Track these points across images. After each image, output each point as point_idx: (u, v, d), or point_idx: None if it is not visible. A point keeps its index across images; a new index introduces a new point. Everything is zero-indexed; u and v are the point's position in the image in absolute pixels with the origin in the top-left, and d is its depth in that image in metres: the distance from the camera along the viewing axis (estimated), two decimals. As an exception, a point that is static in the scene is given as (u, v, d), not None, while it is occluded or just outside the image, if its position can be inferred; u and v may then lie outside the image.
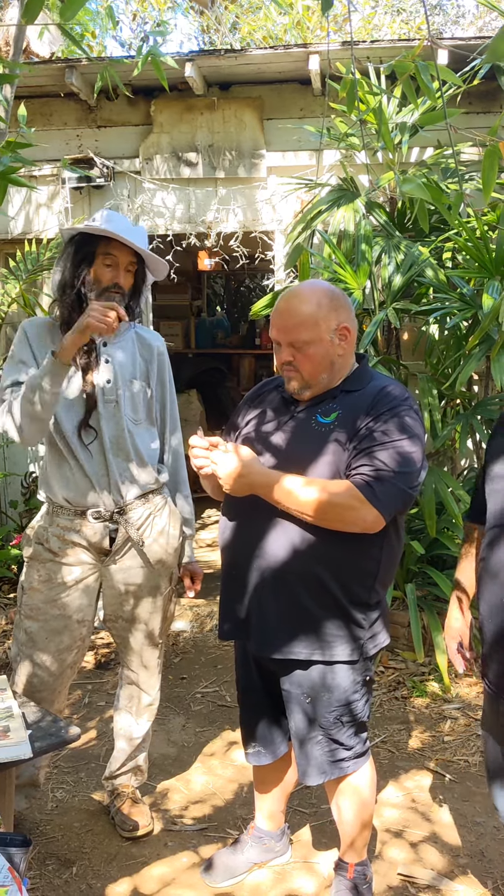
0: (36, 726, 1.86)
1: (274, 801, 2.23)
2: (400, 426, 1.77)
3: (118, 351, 2.24)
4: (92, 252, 2.14)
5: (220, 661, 3.67)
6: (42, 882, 2.19)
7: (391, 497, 1.74)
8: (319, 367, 1.84)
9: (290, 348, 1.84)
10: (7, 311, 4.28)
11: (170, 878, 2.22)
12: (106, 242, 2.13)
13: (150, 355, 2.30)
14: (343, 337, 1.85)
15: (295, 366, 1.85)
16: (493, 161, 2.17)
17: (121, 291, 2.16)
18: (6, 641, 3.81)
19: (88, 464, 2.16)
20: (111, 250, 2.14)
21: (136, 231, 2.17)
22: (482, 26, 9.91)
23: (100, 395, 2.17)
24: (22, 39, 2.89)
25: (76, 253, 2.16)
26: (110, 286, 2.14)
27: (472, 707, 3.16)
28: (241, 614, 1.91)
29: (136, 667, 2.38)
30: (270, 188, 4.49)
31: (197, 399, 6.35)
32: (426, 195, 3.02)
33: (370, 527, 1.77)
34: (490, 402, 3.54)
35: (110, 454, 2.17)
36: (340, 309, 1.86)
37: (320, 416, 1.85)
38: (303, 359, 1.83)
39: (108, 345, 2.22)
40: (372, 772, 2.03)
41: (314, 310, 1.82)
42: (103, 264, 2.14)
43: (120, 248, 2.14)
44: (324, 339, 1.83)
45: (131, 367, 2.25)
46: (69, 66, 4.22)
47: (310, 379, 1.85)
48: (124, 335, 2.27)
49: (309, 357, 1.83)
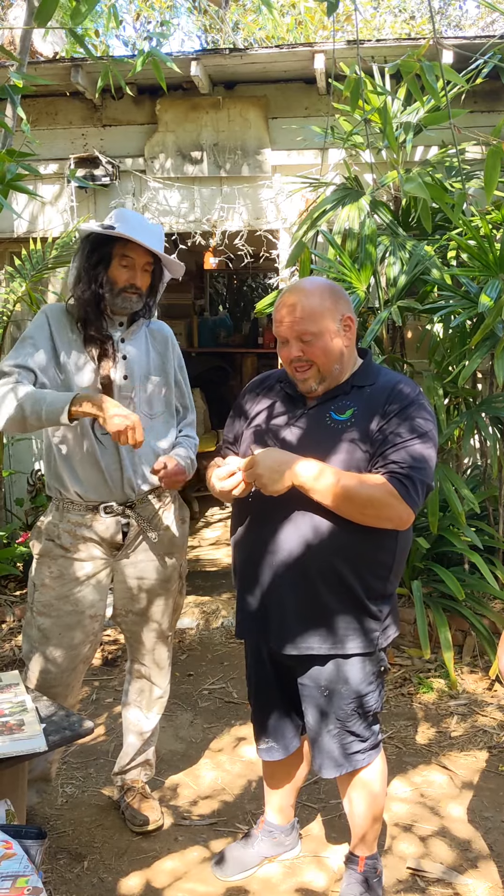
0: (49, 720, 1.87)
1: (284, 795, 2.25)
2: (419, 423, 1.79)
3: (133, 347, 2.25)
4: (108, 253, 2.14)
5: (226, 657, 3.68)
6: (54, 876, 2.21)
7: (420, 493, 1.77)
8: (332, 358, 1.86)
9: (298, 343, 1.85)
10: (13, 309, 4.29)
11: (181, 872, 2.23)
12: (123, 244, 2.14)
13: (163, 347, 2.32)
14: (347, 328, 1.88)
15: (308, 360, 1.85)
16: (496, 161, 2.19)
17: (138, 292, 2.18)
18: (13, 639, 3.82)
19: (102, 457, 2.17)
20: (128, 252, 2.14)
21: (152, 230, 2.18)
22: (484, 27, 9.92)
23: (116, 391, 2.18)
24: (29, 40, 2.90)
25: (92, 253, 2.16)
26: (127, 287, 2.16)
27: (479, 703, 3.18)
28: (259, 611, 1.92)
29: (147, 661, 2.39)
30: (275, 187, 4.51)
31: (200, 398, 6.36)
32: (427, 194, 3.04)
33: (403, 524, 1.79)
34: (495, 400, 3.56)
35: (124, 448, 2.18)
36: (342, 300, 1.88)
37: (334, 412, 1.86)
38: (314, 352, 1.84)
39: (125, 341, 2.23)
40: (383, 766, 2.04)
41: (319, 301, 1.84)
42: (120, 265, 2.15)
43: (136, 249, 2.14)
44: (331, 329, 1.84)
45: (146, 363, 2.26)
46: (74, 65, 4.24)
47: (325, 372, 1.86)
48: (138, 331, 2.28)
49: (321, 349, 1.84)
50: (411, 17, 9.90)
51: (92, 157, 4.46)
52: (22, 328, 4.88)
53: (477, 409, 3.54)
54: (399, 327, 3.97)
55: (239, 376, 7.65)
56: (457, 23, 10.45)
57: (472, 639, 3.56)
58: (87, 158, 4.46)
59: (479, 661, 3.52)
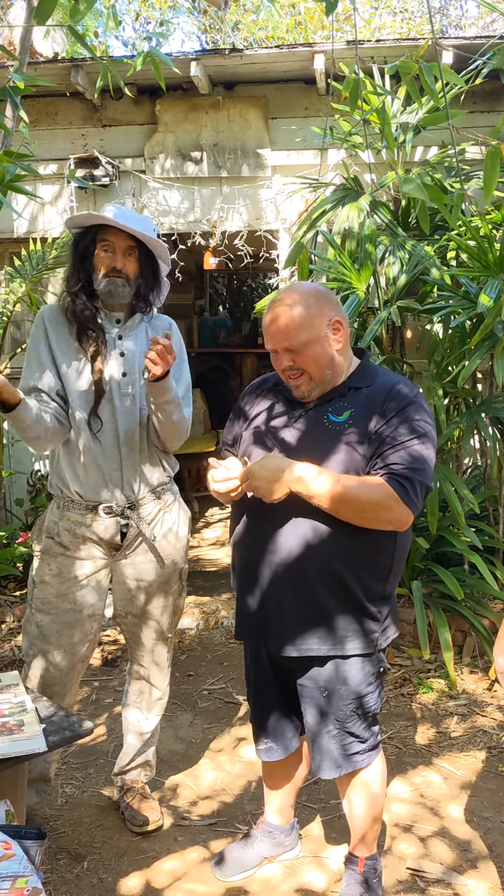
0: (49, 720, 1.87)
1: (283, 796, 2.25)
2: (418, 424, 1.79)
3: (132, 343, 2.23)
4: (91, 241, 2.17)
5: (226, 658, 3.68)
6: (54, 876, 2.21)
7: (419, 494, 1.77)
8: (322, 364, 1.85)
9: (288, 353, 1.85)
10: (13, 310, 4.29)
11: (181, 873, 2.23)
12: (102, 230, 2.16)
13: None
14: (336, 330, 1.86)
15: (299, 369, 1.85)
16: (495, 161, 2.19)
17: (122, 275, 2.16)
18: (13, 639, 3.83)
19: (101, 458, 2.17)
20: (107, 236, 2.16)
21: (133, 217, 2.19)
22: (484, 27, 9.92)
23: (115, 388, 2.17)
24: (28, 39, 2.90)
25: (76, 248, 2.19)
26: (110, 271, 2.15)
27: (479, 703, 3.18)
28: (258, 613, 1.92)
29: (147, 662, 2.39)
30: (275, 187, 4.51)
31: (200, 398, 6.37)
32: (426, 195, 3.04)
33: (402, 525, 1.79)
34: (494, 400, 3.56)
35: (124, 448, 2.18)
36: (328, 304, 1.87)
37: (332, 414, 1.86)
38: (304, 360, 1.84)
39: (123, 337, 2.22)
40: (382, 766, 2.04)
41: (304, 311, 1.83)
42: (101, 251, 2.16)
43: (115, 232, 2.15)
44: (320, 336, 1.83)
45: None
46: (74, 65, 4.24)
47: (317, 379, 1.86)
48: (138, 327, 2.27)
49: (311, 357, 1.83)
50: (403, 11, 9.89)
51: (92, 158, 4.46)
52: (22, 328, 4.88)
53: (477, 409, 3.54)
54: (399, 327, 3.97)
55: (239, 376, 7.65)
56: (457, 22, 10.45)
57: (471, 639, 3.56)
58: (86, 159, 4.47)
59: (478, 661, 3.52)
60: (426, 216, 3.29)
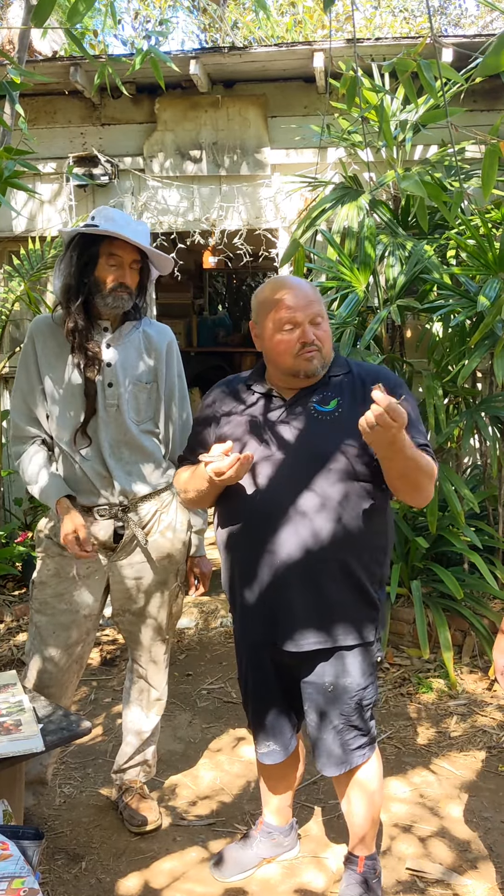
0: (47, 720, 1.86)
1: (282, 796, 2.24)
2: (415, 406, 1.86)
3: (122, 353, 2.19)
4: (95, 253, 2.09)
5: (225, 657, 3.68)
6: (52, 877, 2.20)
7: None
8: (330, 341, 1.91)
9: (311, 325, 1.85)
10: (11, 308, 4.28)
11: (179, 873, 2.23)
12: (109, 242, 2.09)
13: (157, 353, 2.25)
14: None
15: (317, 344, 1.85)
16: (494, 160, 2.18)
17: (128, 290, 2.13)
18: (11, 639, 3.82)
19: (87, 467, 2.16)
20: (114, 250, 2.09)
21: (137, 227, 2.14)
22: (484, 25, 9.92)
23: (101, 398, 2.15)
24: (27, 39, 2.90)
25: (80, 257, 2.11)
26: (116, 286, 2.11)
27: (479, 703, 3.17)
28: (264, 612, 1.92)
29: (145, 662, 2.39)
30: (274, 186, 4.50)
31: (199, 397, 6.38)
32: (424, 192, 3.03)
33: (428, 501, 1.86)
34: (494, 400, 3.55)
35: (110, 459, 2.16)
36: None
37: (318, 405, 1.87)
38: (322, 334, 1.87)
39: (111, 346, 2.18)
40: (379, 765, 2.04)
41: (312, 290, 1.90)
42: (107, 265, 2.10)
43: (123, 246, 2.10)
44: (326, 315, 1.90)
45: (135, 369, 2.20)
46: (73, 64, 4.23)
47: (326, 355, 1.89)
48: (129, 335, 2.22)
49: (325, 332, 1.88)
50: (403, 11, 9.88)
51: (91, 156, 4.45)
52: (21, 328, 4.87)
53: (476, 408, 3.53)
54: (398, 326, 3.96)
55: (238, 376, 7.64)
56: (456, 21, 10.45)
57: (471, 639, 3.55)
58: (85, 157, 4.46)
59: (478, 661, 3.51)
60: (425, 214, 3.28)
